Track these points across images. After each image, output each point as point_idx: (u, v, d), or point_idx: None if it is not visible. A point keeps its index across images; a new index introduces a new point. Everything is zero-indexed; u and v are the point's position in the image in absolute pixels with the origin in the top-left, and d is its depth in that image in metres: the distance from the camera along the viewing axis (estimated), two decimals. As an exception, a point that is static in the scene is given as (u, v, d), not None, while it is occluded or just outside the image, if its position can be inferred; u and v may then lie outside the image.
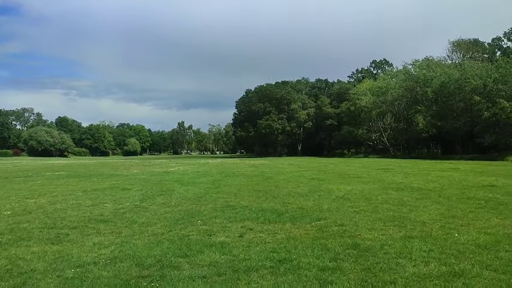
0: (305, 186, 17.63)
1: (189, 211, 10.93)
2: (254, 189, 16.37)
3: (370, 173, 26.25)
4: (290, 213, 10.32)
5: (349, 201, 12.47)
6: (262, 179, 22.00)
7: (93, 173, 30.54)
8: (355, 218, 9.52)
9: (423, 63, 70.99)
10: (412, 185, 17.32)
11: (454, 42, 78.46)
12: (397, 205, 11.53)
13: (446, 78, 60.55)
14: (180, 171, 30.67)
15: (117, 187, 18.12)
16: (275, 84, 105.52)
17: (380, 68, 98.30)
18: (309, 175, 25.02)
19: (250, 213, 10.49)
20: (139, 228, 8.76)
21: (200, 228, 8.64)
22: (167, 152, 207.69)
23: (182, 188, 17.54)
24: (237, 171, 30.02)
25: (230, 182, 20.54)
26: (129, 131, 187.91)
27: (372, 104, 77.45)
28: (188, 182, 20.67)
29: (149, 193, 15.46)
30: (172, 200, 13.27)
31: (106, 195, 15.02)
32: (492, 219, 9.15)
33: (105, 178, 24.34)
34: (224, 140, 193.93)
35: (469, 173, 25.48)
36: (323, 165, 41.34)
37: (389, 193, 14.51)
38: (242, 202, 12.60)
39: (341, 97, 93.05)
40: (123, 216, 10.27)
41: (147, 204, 12.50)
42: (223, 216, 10.09)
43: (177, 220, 9.58)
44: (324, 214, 10.19)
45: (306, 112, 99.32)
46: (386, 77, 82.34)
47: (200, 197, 14.13)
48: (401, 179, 20.88)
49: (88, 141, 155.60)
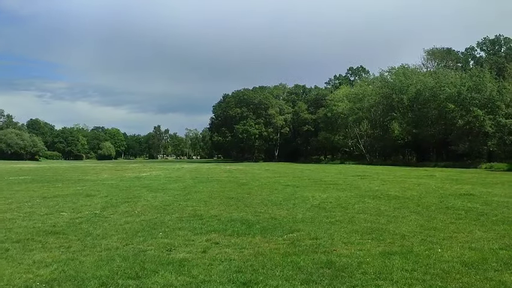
0: (279, 193, 16.94)
1: (152, 221, 10.06)
2: (226, 197, 15.59)
3: (347, 180, 25.81)
4: (261, 224, 9.57)
5: (325, 211, 11.82)
6: (236, 186, 21.22)
7: (60, 177, 29.17)
8: (331, 230, 8.84)
9: (399, 71, 71.71)
10: (389, 193, 16.85)
11: (428, 51, 79.92)
12: (374, 215, 10.93)
13: (421, 86, 61.23)
14: (152, 177, 29.60)
15: (81, 193, 17.04)
16: (253, 89, 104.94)
17: (357, 74, 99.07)
18: (285, 181, 24.38)
19: (218, 224, 9.70)
20: (92, 241, 7.86)
21: (160, 241, 7.81)
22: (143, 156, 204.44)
23: (150, 194, 16.61)
24: (211, 177, 29.16)
25: (202, 188, 19.69)
26: (103, 134, 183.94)
27: (349, 111, 77.75)
28: (158, 188, 19.71)
29: (113, 200, 14.47)
30: (137, 208, 12.36)
31: (66, 202, 13.97)
32: (475, 231, 8.62)
33: (71, 183, 23.13)
34: (201, 145, 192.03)
35: (445, 180, 25.33)
36: (299, 171, 40.86)
37: (366, 202, 13.95)
38: (211, 211, 11.80)
39: (318, 103, 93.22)
40: (78, 227, 9.33)
41: (108, 212, 11.56)
42: (188, 227, 9.27)
43: (137, 232, 8.71)
44: (298, 225, 9.49)
45: (283, 118, 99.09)
46: (363, 83, 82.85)
47: (167, 205, 13.25)
48: (378, 186, 20.46)
49: (61, 145, 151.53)
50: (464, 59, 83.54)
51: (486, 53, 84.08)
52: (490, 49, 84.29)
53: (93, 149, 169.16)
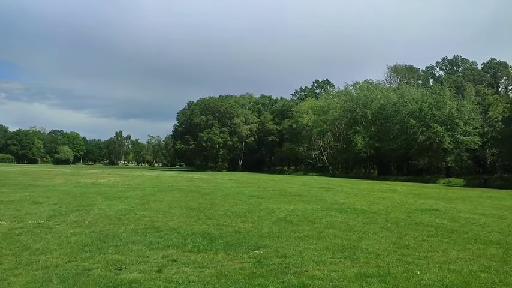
0: (244, 204, 16.19)
1: (102, 233, 9.06)
2: (187, 207, 14.68)
3: (311, 192, 25.41)
4: (224, 239, 8.79)
5: (292, 224, 11.17)
6: (198, 195, 20.30)
7: (8, 182, 27.22)
8: (300, 247, 8.18)
9: (363, 85, 72.91)
10: (356, 207, 16.45)
11: (392, 67, 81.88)
12: (344, 230, 10.38)
13: (385, 101, 62.37)
14: (109, 183, 28.13)
15: (27, 200, 15.65)
16: (219, 98, 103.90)
17: (322, 87, 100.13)
18: (249, 192, 23.66)
19: (177, 237, 8.83)
20: (29, 257, 6.83)
21: (110, 258, 6.88)
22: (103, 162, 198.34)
23: (105, 202, 15.44)
24: (172, 186, 28.03)
25: (162, 197, 18.65)
26: (62, 138, 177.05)
27: (313, 123, 78.17)
28: (114, 195, 18.50)
29: (63, 208, 13.27)
30: (88, 218, 11.27)
31: (9, 209, 12.65)
32: (449, 250, 8.17)
33: (20, 189, 21.47)
34: (163, 152, 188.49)
35: (408, 195, 25.38)
36: (263, 181, 40.25)
37: (334, 215, 13.43)
38: (170, 223, 10.89)
39: (284, 114, 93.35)
40: (15, 239, 8.22)
41: (54, 222, 10.43)
42: (143, 241, 8.36)
43: (84, 246, 7.72)
44: (264, 240, 8.77)
45: (249, 127, 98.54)
46: (328, 96, 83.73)
47: (123, 214, 12.22)
48: (343, 199, 20.09)
49: (14, 147, 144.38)
50: (424, 76, 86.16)
51: (445, 72, 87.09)
52: (448, 68, 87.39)
53: (50, 153, 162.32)
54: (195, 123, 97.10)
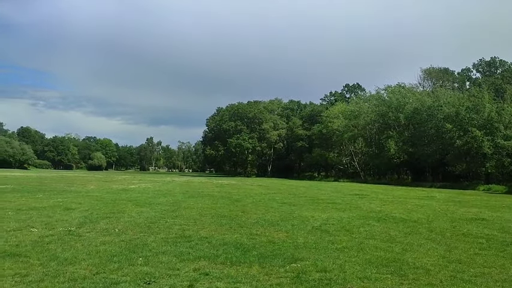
0: (276, 212, 15.67)
1: (132, 242, 8.75)
2: (218, 215, 14.28)
3: (345, 199, 24.62)
4: (258, 250, 8.30)
5: (328, 234, 10.57)
6: (229, 202, 19.92)
7: (43, 187, 27.68)
8: (340, 260, 7.59)
9: (396, 89, 71.18)
10: (394, 215, 15.64)
11: (425, 70, 79.60)
12: (385, 241, 9.71)
13: (419, 105, 60.58)
14: (140, 189, 28.19)
15: (60, 206, 15.66)
16: (247, 103, 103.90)
17: (353, 92, 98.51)
18: (280, 199, 23.13)
19: (208, 248, 8.41)
20: (56, 267, 6.54)
21: (139, 270, 6.51)
22: (134, 167, 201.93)
23: (135, 209, 15.25)
24: (202, 192, 27.82)
25: (192, 203, 18.36)
26: (95, 144, 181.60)
27: (344, 128, 76.87)
28: (145, 202, 18.35)
29: (94, 215, 13.12)
30: (118, 226, 11.02)
31: (41, 216, 12.59)
32: (507, 266, 7.40)
33: (54, 194, 21.69)
34: (193, 158, 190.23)
35: (447, 202, 24.20)
36: (294, 188, 39.61)
37: (372, 224, 12.72)
38: (201, 231, 10.50)
39: (313, 119, 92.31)
40: (45, 247, 8.00)
41: (84, 230, 10.22)
42: (173, 251, 7.97)
43: (113, 256, 7.40)
44: (300, 252, 8.23)
45: (278, 133, 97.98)
46: (359, 101, 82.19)
47: (153, 222, 11.93)
48: (379, 207, 19.27)
49: (51, 154, 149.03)
50: (460, 79, 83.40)
51: (482, 74, 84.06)
52: (486, 70, 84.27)
53: (84, 159, 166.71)
54: (224, 129, 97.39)
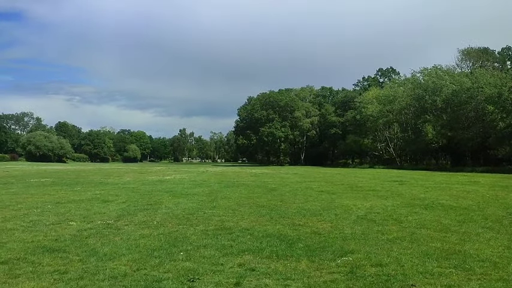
0: (315, 201, 15.12)
1: (172, 236, 8.44)
2: (256, 204, 13.88)
3: (384, 185, 23.76)
4: (304, 242, 7.81)
5: (376, 224, 9.96)
6: (265, 191, 19.50)
7: (81, 180, 28.10)
8: (394, 252, 7.01)
9: (432, 72, 68.56)
10: (441, 202, 14.80)
11: (463, 51, 76.17)
12: (439, 231, 9.02)
13: (457, 87, 58.13)
14: (175, 180, 28.20)
15: (98, 198, 15.65)
16: (278, 92, 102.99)
17: (387, 76, 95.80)
18: (317, 187, 22.53)
19: (251, 240, 7.99)
20: (96, 263, 6.27)
21: (181, 266, 6.15)
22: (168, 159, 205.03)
23: (172, 200, 15.05)
24: (237, 181, 27.54)
25: (229, 193, 18.05)
26: (129, 137, 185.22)
27: (378, 113, 74.95)
28: (181, 193, 18.17)
29: (131, 207, 12.97)
30: (156, 218, 10.78)
31: (79, 209, 12.54)
32: None
33: (91, 187, 21.89)
34: (226, 148, 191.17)
35: (494, 187, 22.93)
36: (329, 175, 38.84)
37: (420, 212, 11.99)
38: (241, 222, 10.10)
39: (346, 106, 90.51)
40: (83, 242, 7.79)
41: (123, 222, 10.02)
42: (215, 244, 7.59)
43: (153, 250, 7.09)
44: (349, 244, 7.69)
45: (310, 120, 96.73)
46: (394, 85, 79.75)
47: (191, 213, 11.63)
48: (422, 194, 18.38)
49: (87, 147, 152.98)
50: (501, 58, 79.42)
51: (525, 52, 79.80)
52: (528, 48, 79.93)
53: (119, 152, 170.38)
54: (255, 118, 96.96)
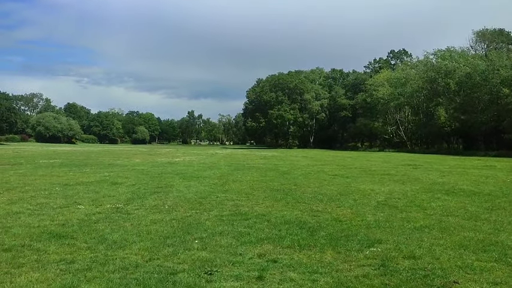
0: (331, 185, 14.60)
1: (185, 221, 7.98)
2: (270, 188, 13.40)
3: (398, 170, 23.17)
4: (325, 230, 7.31)
5: (398, 210, 9.43)
6: (278, 174, 19.02)
7: (90, 161, 27.81)
8: (425, 242, 6.49)
9: (446, 54, 66.96)
10: (461, 187, 14.21)
11: (478, 32, 74.19)
12: (467, 219, 8.47)
13: (471, 69, 56.70)
14: (185, 162, 27.81)
15: (107, 180, 15.28)
16: (288, 74, 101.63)
17: (398, 58, 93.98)
18: (330, 170, 22.01)
19: (269, 227, 7.51)
20: (105, 251, 5.83)
21: (197, 255, 5.68)
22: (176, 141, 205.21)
23: (183, 183, 14.63)
24: (247, 164, 27.08)
25: (240, 176, 17.59)
26: (138, 119, 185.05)
27: (389, 96, 73.74)
28: (192, 175, 17.75)
29: (141, 190, 12.56)
30: (167, 201, 10.34)
31: (88, 191, 12.14)
32: None
33: (100, 168, 21.56)
34: (234, 130, 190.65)
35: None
36: (340, 158, 38.26)
37: (443, 198, 11.42)
38: (256, 207, 9.63)
39: (356, 88, 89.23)
40: (92, 227, 7.35)
41: (133, 206, 9.59)
42: (231, 231, 7.12)
43: (166, 238, 6.63)
44: (374, 232, 7.18)
45: (320, 103, 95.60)
46: (406, 67, 78.18)
47: (203, 197, 11.18)
48: (440, 178, 17.77)
49: (96, 128, 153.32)
50: (517, 40, 77.32)
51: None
52: (546, 30, 77.60)
53: (128, 133, 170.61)
54: (264, 100, 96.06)
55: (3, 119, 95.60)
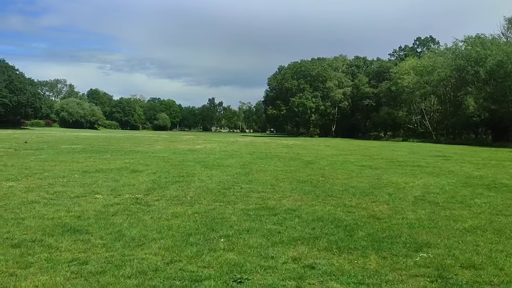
0: (360, 177, 13.79)
1: (208, 215, 7.36)
2: (296, 179, 12.69)
3: (428, 161, 22.14)
4: (364, 229, 6.58)
5: (440, 207, 8.62)
6: (302, 164, 18.27)
7: (111, 147, 27.57)
8: (481, 248, 5.69)
9: (476, 41, 64.34)
10: (502, 182, 13.23)
11: (510, 19, 71.12)
12: (522, 219, 7.60)
13: (503, 57, 54.30)
14: (206, 150, 27.28)
15: (127, 168, 14.81)
16: (311, 61, 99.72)
17: (425, 45, 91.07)
18: (356, 161, 21.14)
19: (300, 224, 6.82)
20: (122, 250, 5.25)
21: (223, 258, 5.04)
22: (197, 128, 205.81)
23: (205, 172, 14.04)
24: (269, 153, 26.38)
25: (263, 166, 16.91)
26: (159, 105, 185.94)
27: (415, 84, 71.60)
28: (213, 164, 17.16)
29: (162, 179, 12.01)
30: (189, 192, 9.75)
31: (107, 179, 11.67)
32: None
33: (121, 155, 21.21)
34: (254, 118, 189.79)
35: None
36: (364, 148, 37.22)
37: (486, 194, 10.51)
38: (284, 201, 8.95)
39: (380, 76, 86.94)
40: (109, 221, 6.80)
41: (153, 197, 9.03)
42: (260, 229, 6.46)
43: (188, 235, 6.02)
44: (419, 233, 6.41)
45: (342, 91, 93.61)
46: (433, 55, 75.61)
47: (227, 188, 10.56)
48: (475, 171, 16.73)
49: (118, 115, 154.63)
50: (551, 27, 73.82)
51: None
52: None
53: (149, 120, 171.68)
54: (286, 88, 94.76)
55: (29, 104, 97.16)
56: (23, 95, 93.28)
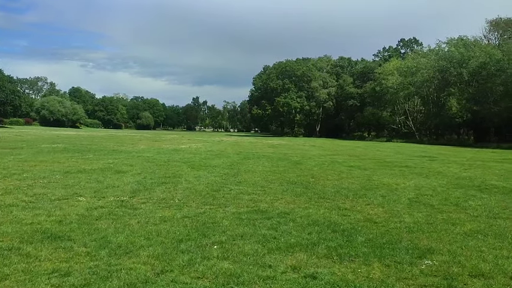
0: (350, 178, 13.57)
1: (199, 219, 7.00)
2: (286, 181, 12.39)
3: (415, 162, 22.13)
4: (363, 234, 6.31)
5: (436, 210, 8.42)
6: (290, 165, 18.00)
7: (94, 147, 26.88)
8: (486, 254, 5.47)
9: (459, 42, 65.17)
10: (492, 183, 13.16)
11: (492, 21, 72.23)
12: (520, 223, 7.44)
13: (486, 59, 55.08)
14: (191, 150, 26.82)
15: (111, 168, 14.31)
16: (295, 61, 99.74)
17: (409, 47, 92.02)
18: (343, 161, 21.00)
19: (296, 229, 6.51)
20: (107, 259, 4.86)
21: (218, 267, 4.69)
22: (181, 127, 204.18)
23: (192, 173, 13.65)
24: (256, 152, 26.08)
25: (252, 166, 16.59)
26: (143, 104, 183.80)
27: (399, 85, 72.25)
28: (200, 164, 16.76)
29: (148, 180, 11.58)
30: (177, 194, 9.37)
31: (90, 181, 11.18)
32: None
33: (104, 155, 20.62)
34: (239, 118, 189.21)
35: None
36: (350, 148, 37.22)
37: (479, 196, 10.37)
38: (277, 203, 8.64)
39: (365, 77, 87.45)
40: (93, 226, 6.38)
41: (139, 200, 8.62)
42: (254, 234, 6.13)
43: (179, 242, 5.65)
44: (420, 238, 6.17)
45: (327, 91, 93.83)
46: (416, 56, 76.39)
47: (216, 190, 10.20)
48: (463, 172, 16.71)
49: (101, 113, 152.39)
50: (532, 30, 75.26)
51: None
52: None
53: (132, 119, 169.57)
54: (271, 87, 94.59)
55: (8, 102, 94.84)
56: (2, 92, 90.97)
